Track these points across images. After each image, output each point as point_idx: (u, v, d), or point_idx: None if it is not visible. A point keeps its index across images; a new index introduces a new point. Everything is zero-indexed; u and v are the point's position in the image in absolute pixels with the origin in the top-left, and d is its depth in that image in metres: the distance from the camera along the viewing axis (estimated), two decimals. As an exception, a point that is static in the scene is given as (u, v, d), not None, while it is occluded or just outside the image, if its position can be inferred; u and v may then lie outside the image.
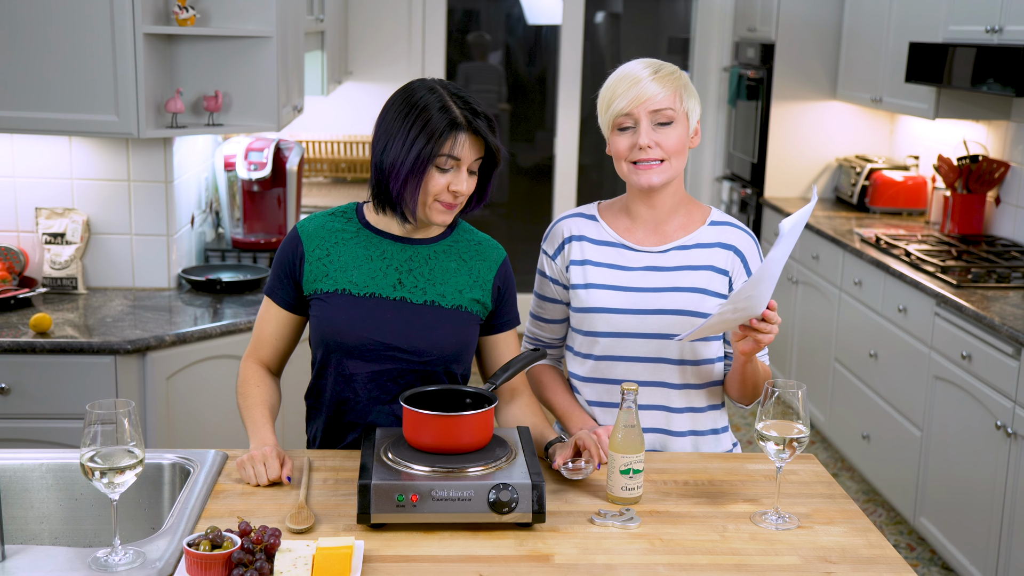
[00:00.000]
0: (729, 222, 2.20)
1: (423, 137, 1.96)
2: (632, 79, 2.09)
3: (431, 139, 1.95)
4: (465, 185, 2.00)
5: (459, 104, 1.98)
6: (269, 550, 1.64)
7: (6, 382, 2.89)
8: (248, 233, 3.94)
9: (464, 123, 1.97)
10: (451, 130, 1.96)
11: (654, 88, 2.07)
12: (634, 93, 2.07)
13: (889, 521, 4.16)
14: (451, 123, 1.96)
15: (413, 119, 1.97)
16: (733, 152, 6.16)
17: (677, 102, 2.09)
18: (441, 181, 1.99)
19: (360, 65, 6.01)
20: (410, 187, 1.98)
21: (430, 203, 2.01)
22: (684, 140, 2.10)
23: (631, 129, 2.09)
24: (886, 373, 4.16)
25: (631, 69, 2.12)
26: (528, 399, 2.20)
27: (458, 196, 2.01)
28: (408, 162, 1.97)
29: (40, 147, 3.32)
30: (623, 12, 6.64)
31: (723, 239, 2.18)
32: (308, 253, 2.10)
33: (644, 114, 2.07)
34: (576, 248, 2.21)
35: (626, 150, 2.09)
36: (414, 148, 1.96)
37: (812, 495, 2.02)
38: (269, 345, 2.18)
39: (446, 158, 1.97)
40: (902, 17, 4.73)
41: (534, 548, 1.77)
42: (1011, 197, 4.35)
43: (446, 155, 1.97)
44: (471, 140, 1.99)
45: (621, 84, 2.10)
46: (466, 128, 1.97)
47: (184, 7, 3.21)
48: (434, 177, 1.99)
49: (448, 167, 1.99)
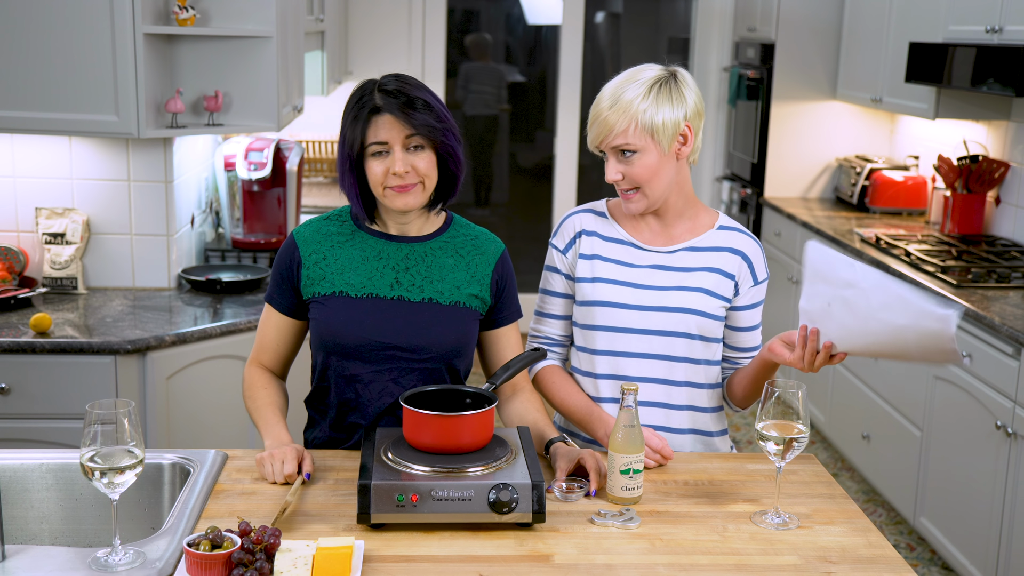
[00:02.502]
0: (738, 228, 2.21)
1: (351, 131, 2.02)
2: (595, 112, 2.09)
3: (355, 129, 2.01)
4: (400, 164, 2.00)
5: (379, 88, 2.02)
6: (269, 550, 1.64)
7: (6, 382, 2.89)
8: (248, 233, 3.94)
9: (380, 106, 2.00)
10: (368, 116, 2.01)
11: (610, 122, 2.06)
12: (596, 129, 2.09)
13: (889, 521, 4.16)
14: (366, 110, 2.01)
15: (344, 118, 2.05)
16: (733, 152, 6.16)
17: (634, 132, 2.05)
18: (378, 167, 2.02)
19: (360, 65, 6.01)
20: (351, 182, 2.05)
21: (382, 192, 2.04)
22: (654, 166, 2.07)
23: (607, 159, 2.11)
24: (886, 373, 4.16)
25: (603, 94, 2.10)
26: (529, 395, 2.20)
27: (403, 176, 2.02)
28: (345, 160, 2.04)
29: (40, 147, 3.32)
30: (623, 12, 6.64)
31: (732, 244, 2.18)
32: (305, 258, 2.11)
33: (608, 148, 2.09)
34: (586, 243, 2.21)
35: (609, 177, 2.12)
36: (344, 146, 2.04)
37: (812, 495, 2.02)
38: (271, 350, 2.19)
39: (374, 145, 2.01)
40: (902, 17, 4.73)
41: (534, 548, 1.77)
42: (1011, 197, 4.35)
43: (373, 143, 2.01)
44: (392, 120, 2.01)
45: (592, 113, 2.10)
46: (384, 110, 2.00)
47: (184, 7, 3.21)
48: (371, 166, 2.02)
49: (380, 151, 2.02)
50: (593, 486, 1.96)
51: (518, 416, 2.16)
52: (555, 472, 2.00)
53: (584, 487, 1.96)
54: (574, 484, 1.97)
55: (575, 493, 1.95)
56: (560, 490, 1.95)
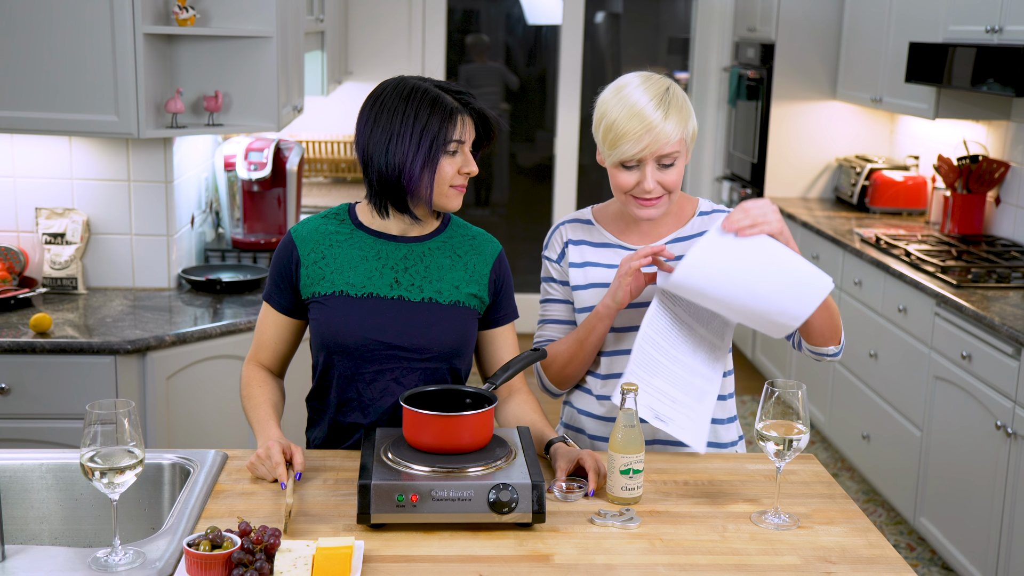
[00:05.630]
0: (718, 209, 2.22)
1: (432, 126, 2.00)
2: (644, 125, 2.01)
3: (440, 126, 2.00)
4: (473, 164, 2.06)
5: (445, 89, 2.04)
6: (269, 550, 1.64)
7: (6, 382, 2.89)
8: (248, 233, 3.94)
9: (460, 105, 2.03)
10: (455, 113, 2.01)
11: (667, 132, 2.02)
12: (646, 141, 2.01)
13: (889, 521, 4.16)
14: (452, 107, 2.01)
15: (415, 112, 2.00)
16: (733, 152, 6.16)
17: (680, 141, 2.05)
18: (453, 166, 2.03)
19: (360, 65, 6.01)
20: (426, 178, 2.02)
21: (446, 191, 2.05)
22: (682, 171, 2.10)
23: (635, 168, 2.07)
24: (886, 373, 4.16)
25: (638, 104, 2.02)
26: (526, 396, 2.20)
27: (467, 178, 2.07)
28: (421, 154, 2.00)
29: (40, 147, 3.32)
30: (623, 12, 6.64)
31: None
32: (303, 257, 2.11)
33: (652, 158, 2.05)
34: (575, 251, 2.22)
35: (628, 185, 2.09)
36: (424, 139, 2.00)
37: (812, 495, 2.02)
38: (269, 349, 2.19)
39: (455, 143, 2.02)
40: (902, 17, 4.73)
41: (534, 548, 1.77)
42: (1011, 197, 4.35)
43: (456, 140, 2.02)
44: (470, 121, 2.05)
45: (632, 125, 2.02)
46: (464, 110, 2.03)
47: (184, 7, 3.21)
48: (446, 163, 2.03)
49: (456, 151, 2.03)
50: (592, 487, 1.95)
51: (515, 417, 2.16)
52: (555, 472, 2.00)
53: (584, 487, 1.96)
54: (574, 484, 1.97)
55: (575, 493, 1.95)
56: (560, 490, 1.95)
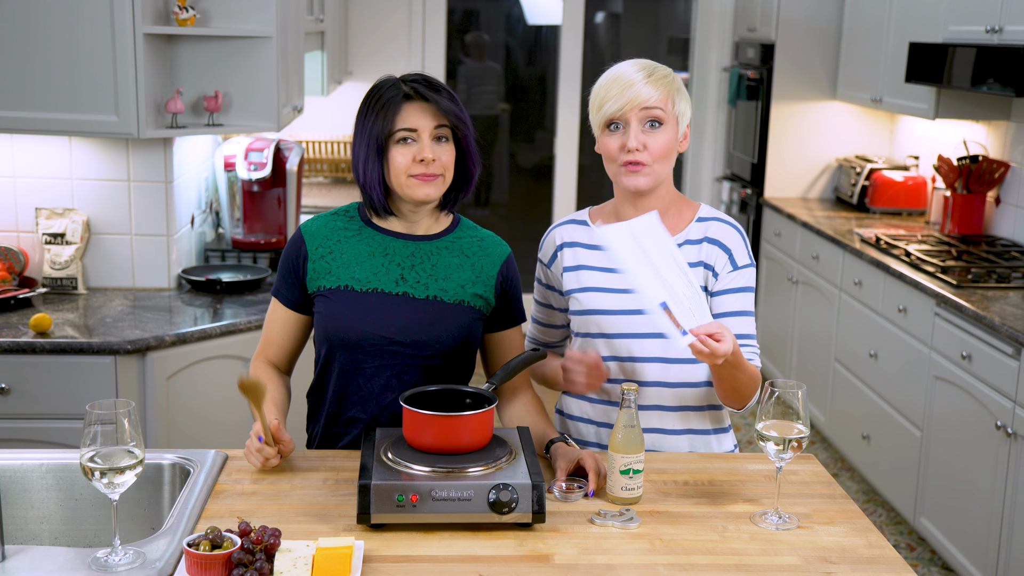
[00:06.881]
0: (716, 217, 2.19)
1: (378, 118, 2.01)
2: (625, 82, 2.07)
3: (383, 116, 2.00)
4: (430, 151, 2.01)
5: (409, 80, 2.03)
6: (269, 550, 1.64)
7: (6, 382, 2.89)
8: (248, 233, 3.94)
9: (412, 93, 2.02)
10: (400, 103, 2.01)
11: (647, 91, 2.07)
12: (627, 96, 2.06)
13: (889, 521, 4.16)
14: (398, 97, 2.01)
15: (367, 108, 2.04)
16: (733, 152, 6.16)
17: (669, 104, 2.08)
18: (404, 155, 2.02)
19: (360, 65, 6.01)
20: (374, 170, 2.03)
21: (404, 181, 2.03)
22: (672, 144, 2.10)
23: (621, 130, 2.10)
24: (886, 373, 4.16)
25: (624, 71, 2.10)
26: (530, 397, 2.20)
27: (430, 164, 2.02)
28: (368, 149, 2.02)
29: (40, 147, 3.32)
30: (623, 12, 6.64)
31: (710, 234, 2.17)
32: (311, 252, 2.11)
33: (635, 116, 2.07)
34: (569, 254, 2.21)
35: (615, 150, 2.10)
36: (372, 131, 2.02)
37: (812, 495, 2.02)
38: (277, 345, 2.20)
39: (403, 131, 2.01)
40: (902, 17, 4.73)
41: (534, 548, 1.77)
42: (1011, 197, 4.35)
43: (402, 129, 2.01)
44: (424, 107, 2.02)
45: (614, 86, 2.08)
46: (415, 97, 2.02)
47: (184, 7, 3.21)
48: (396, 154, 2.02)
49: (408, 139, 2.02)
50: (592, 487, 1.95)
51: (518, 418, 2.17)
52: (555, 472, 2.00)
53: (584, 487, 1.96)
54: (574, 484, 1.97)
55: (575, 493, 1.95)
56: (560, 490, 1.95)
